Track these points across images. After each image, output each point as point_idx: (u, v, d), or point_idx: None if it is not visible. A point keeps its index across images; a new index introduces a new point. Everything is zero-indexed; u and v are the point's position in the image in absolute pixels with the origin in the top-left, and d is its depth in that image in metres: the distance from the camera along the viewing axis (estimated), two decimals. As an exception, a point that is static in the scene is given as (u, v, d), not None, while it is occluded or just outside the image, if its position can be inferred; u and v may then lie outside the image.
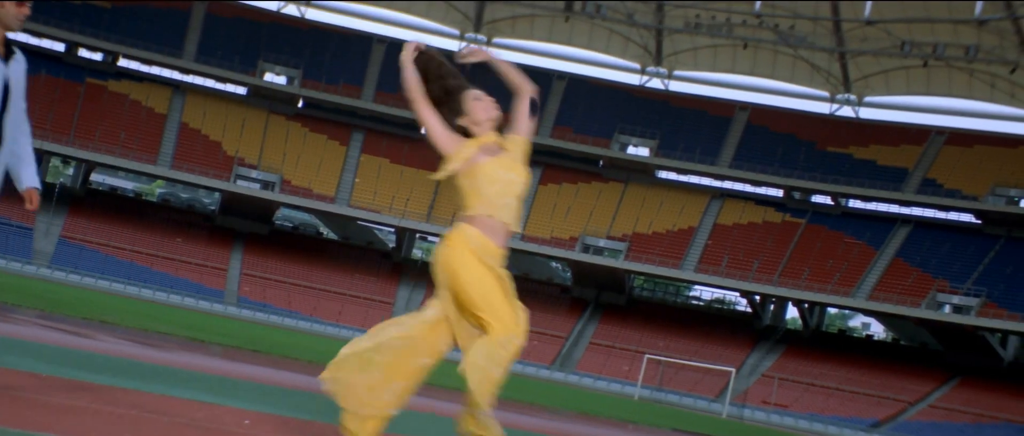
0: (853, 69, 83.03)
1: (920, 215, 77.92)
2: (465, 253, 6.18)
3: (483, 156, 6.34)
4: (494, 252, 6.25)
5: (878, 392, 67.54)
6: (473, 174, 6.29)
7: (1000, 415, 63.72)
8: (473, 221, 6.29)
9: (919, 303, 69.62)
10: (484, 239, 6.22)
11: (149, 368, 10.97)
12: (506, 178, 6.31)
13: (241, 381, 12.19)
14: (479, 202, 6.26)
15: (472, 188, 6.29)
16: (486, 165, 6.30)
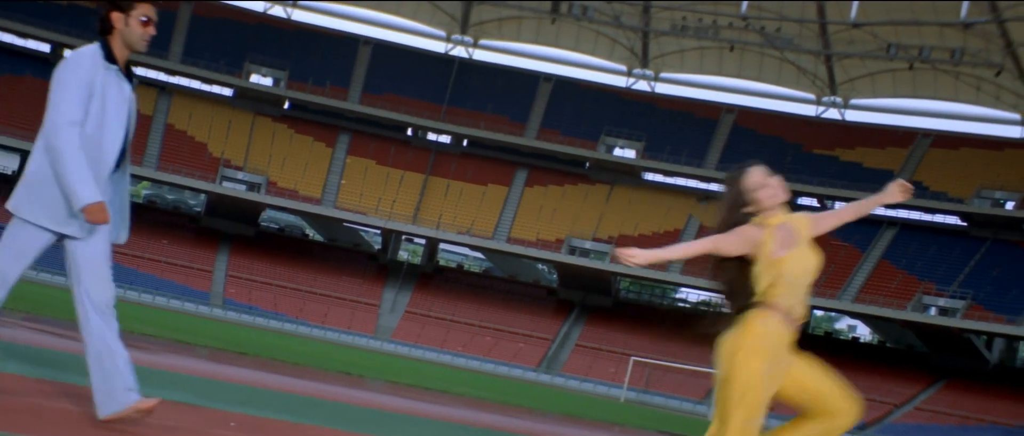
0: (839, 71, 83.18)
1: (906, 218, 78.10)
2: (755, 347, 6.34)
3: (782, 249, 6.33)
4: (787, 340, 6.38)
5: (864, 394, 67.11)
6: (775, 267, 6.30)
7: (986, 417, 63.90)
8: (771, 309, 6.35)
9: (905, 305, 69.78)
10: (780, 328, 6.33)
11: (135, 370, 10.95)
12: (805, 268, 6.44)
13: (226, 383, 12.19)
14: (778, 292, 6.31)
15: (771, 278, 6.31)
16: (788, 260, 6.35)
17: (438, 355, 67.35)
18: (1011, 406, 64.77)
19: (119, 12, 6.58)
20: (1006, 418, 63.53)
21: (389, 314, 74.63)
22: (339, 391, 14.59)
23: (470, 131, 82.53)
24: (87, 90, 6.37)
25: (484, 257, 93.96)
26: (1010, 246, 73.59)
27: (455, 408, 17.79)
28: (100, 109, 6.42)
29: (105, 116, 6.44)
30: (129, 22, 6.61)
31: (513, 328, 74.07)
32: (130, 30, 6.60)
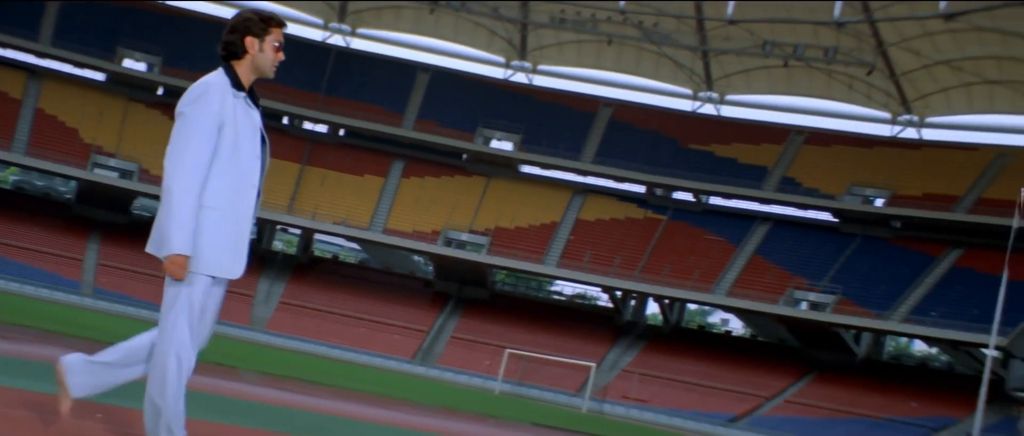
0: (715, 68, 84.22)
1: (779, 213, 79.34)
2: None
3: None
4: None
5: (736, 387, 68.64)
6: None
7: (853, 410, 65.18)
8: None
9: (777, 300, 70.90)
10: None
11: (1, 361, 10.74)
12: None
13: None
14: None
15: None
16: None
17: (313, 346, 66.93)
18: (878, 399, 66.17)
19: (254, 37, 6.36)
20: (873, 411, 64.90)
21: (263, 304, 73.99)
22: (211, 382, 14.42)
23: (347, 121, 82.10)
24: (217, 123, 6.16)
25: (360, 248, 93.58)
26: (879, 242, 75.14)
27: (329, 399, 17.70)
28: (233, 141, 6.20)
29: (239, 147, 6.23)
30: (264, 47, 6.40)
31: (388, 319, 73.86)
32: (264, 56, 6.38)
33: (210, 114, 6.14)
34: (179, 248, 6.05)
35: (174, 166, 6.10)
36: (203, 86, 6.25)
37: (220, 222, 6.20)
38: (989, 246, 68.46)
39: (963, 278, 69.58)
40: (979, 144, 79.15)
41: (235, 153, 6.20)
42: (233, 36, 6.38)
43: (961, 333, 64.00)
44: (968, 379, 65.99)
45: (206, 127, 6.12)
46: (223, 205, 6.21)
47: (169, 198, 6.06)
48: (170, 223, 6.06)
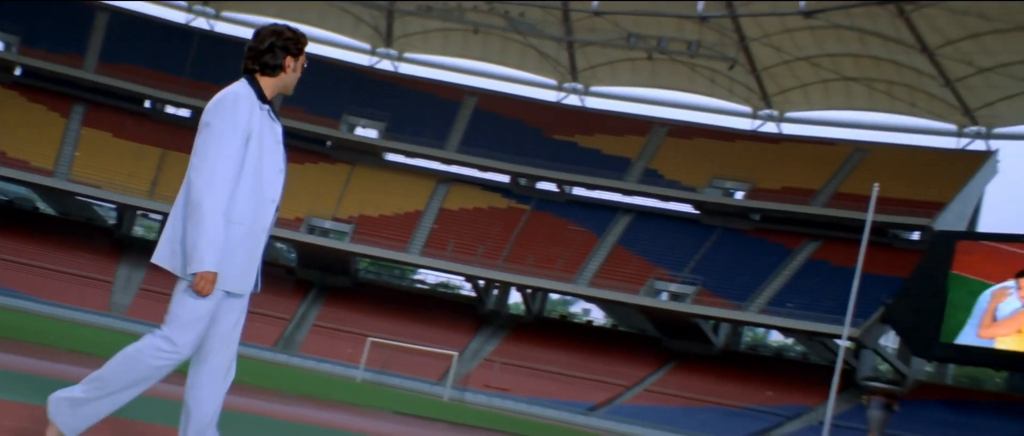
0: (581, 59, 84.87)
1: (641, 204, 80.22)
2: None
3: None
4: None
5: (596, 376, 69.33)
6: None
7: (711, 399, 66.29)
8: None
9: (638, 290, 71.72)
10: None
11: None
12: None
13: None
14: None
15: None
16: None
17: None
18: (734, 388, 67.39)
19: (293, 57, 6.35)
20: (730, 400, 66.09)
21: (123, 291, 72.84)
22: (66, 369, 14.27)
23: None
24: (244, 135, 6.07)
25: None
26: (738, 235, 76.41)
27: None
28: (258, 153, 6.13)
29: (263, 161, 6.15)
30: (297, 67, 6.37)
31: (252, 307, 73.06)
32: (294, 76, 6.36)
33: (239, 126, 6.09)
34: (211, 265, 5.99)
35: (204, 179, 6.01)
36: (232, 96, 6.18)
37: (243, 238, 6.17)
38: (844, 239, 70.12)
39: (819, 270, 71.10)
40: (836, 139, 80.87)
41: (259, 167, 6.16)
42: (273, 54, 6.34)
43: (816, 324, 65.42)
44: (821, 369, 67.51)
45: (235, 140, 6.06)
46: (246, 221, 6.17)
47: (200, 214, 5.97)
48: (201, 240, 5.96)
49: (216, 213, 5.98)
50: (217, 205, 5.98)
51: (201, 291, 6.02)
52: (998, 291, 60.55)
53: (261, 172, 6.18)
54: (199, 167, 6.05)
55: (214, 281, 6.04)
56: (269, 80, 6.36)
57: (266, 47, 6.38)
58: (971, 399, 67.46)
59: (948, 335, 61.55)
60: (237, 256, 6.16)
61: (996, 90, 73.26)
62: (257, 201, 6.19)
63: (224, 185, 6.01)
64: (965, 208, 73.04)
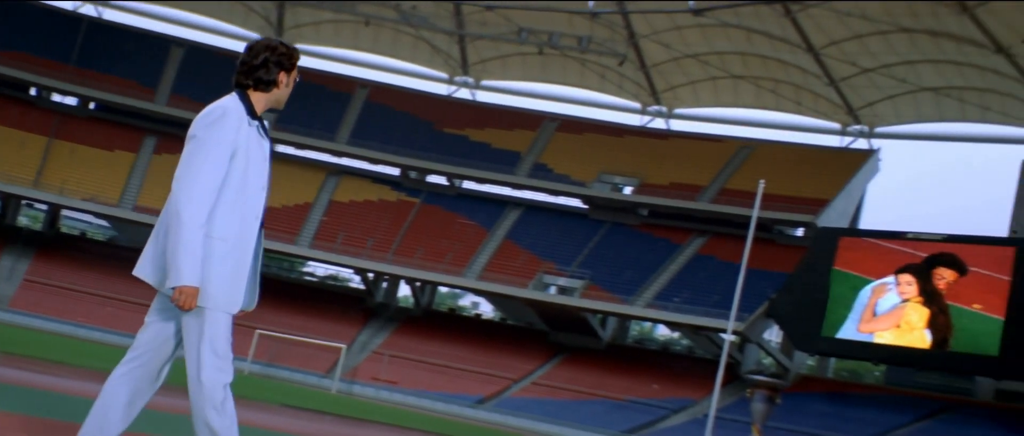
0: (472, 53, 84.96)
1: (531, 199, 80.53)
2: None
3: None
4: None
5: (484, 369, 69.52)
6: None
7: (598, 392, 66.81)
8: None
9: (527, 284, 72.03)
10: None
11: None
12: None
13: None
14: None
15: None
16: None
17: (59, 325, 65.05)
18: (621, 381, 67.99)
19: (286, 72, 6.29)
20: (616, 393, 66.67)
21: (6, 282, 71.52)
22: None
23: (98, 94, 79.95)
24: (230, 150, 5.97)
25: (109, 225, 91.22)
26: (626, 230, 77.05)
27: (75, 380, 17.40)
28: (243, 168, 6.03)
29: (248, 177, 6.06)
30: (289, 82, 6.29)
31: (137, 299, 72.03)
32: (286, 91, 6.29)
33: (225, 140, 6.02)
34: (190, 279, 5.90)
35: (185, 192, 5.94)
36: (220, 110, 6.11)
37: (227, 253, 6.06)
38: (730, 235, 71.03)
39: (705, 265, 71.97)
40: (723, 136, 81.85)
41: (244, 183, 6.09)
42: (267, 69, 6.27)
43: (701, 318, 66.21)
44: (707, 363, 68.38)
45: (220, 153, 5.98)
46: (229, 236, 6.07)
47: (179, 226, 5.91)
48: (180, 252, 5.89)
49: (194, 226, 5.91)
50: (196, 218, 5.91)
51: (183, 306, 5.94)
52: (878, 287, 61.77)
53: (246, 188, 6.12)
54: (182, 180, 6.00)
55: (195, 295, 5.95)
56: (261, 95, 6.32)
57: (260, 62, 6.33)
58: (851, 392, 68.83)
59: (829, 329, 62.64)
60: (221, 272, 6.05)
61: (878, 90, 74.73)
62: (240, 217, 6.11)
63: (204, 198, 5.94)
64: (848, 205, 74.39)
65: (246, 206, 6.14)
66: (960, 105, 73.02)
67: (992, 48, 66.31)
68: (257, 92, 6.33)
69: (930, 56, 70.02)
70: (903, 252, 61.66)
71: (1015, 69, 67.56)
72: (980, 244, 60.26)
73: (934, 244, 60.94)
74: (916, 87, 72.68)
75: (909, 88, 72.97)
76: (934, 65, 70.75)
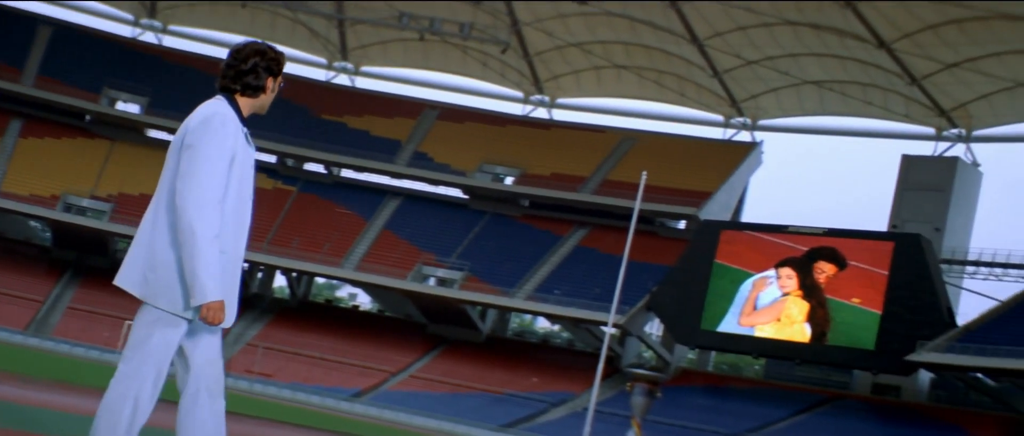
0: (351, 38, 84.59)
1: (411, 188, 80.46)
2: None
3: None
4: None
5: (361, 362, 69.36)
6: None
7: (477, 385, 67.02)
8: None
9: (405, 275, 72.00)
10: None
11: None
12: None
13: None
14: None
15: None
16: None
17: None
18: (500, 374, 68.29)
19: (273, 78, 6.20)
20: (495, 386, 66.94)
21: None
22: None
23: (-42, 74, 78.28)
24: (230, 157, 5.83)
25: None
26: (507, 220, 77.33)
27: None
28: (239, 177, 5.89)
29: (242, 185, 5.92)
30: (275, 88, 6.20)
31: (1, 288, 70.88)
32: (271, 96, 6.19)
33: (226, 148, 5.89)
34: (215, 294, 5.74)
35: (195, 204, 5.75)
36: (221, 117, 5.99)
37: (225, 267, 5.91)
38: (612, 226, 71.66)
39: (586, 257, 72.51)
40: (606, 127, 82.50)
41: (240, 193, 5.97)
42: (256, 75, 6.15)
43: (582, 311, 66.70)
44: (587, 356, 68.88)
45: (222, 161, 5.85)
46: (228, 248, 5.93)
47: (194, 241, 5.70)
48: (200, 269, 5.68)
49: (210, 239, 5.75)
50: (210, 230, 5.75)
51: (212, 321, 5.79)
52: (759, 280, 62.90)
53: (241, 197, 6.03)
54: (188, 192, 5.82)
55: (223, 309, 5.82)
56: (248, 101, 6.24)
57: (249, 67, 6.23)
58: (730, 385, 69.86)
59: (710, 323, 63.67)
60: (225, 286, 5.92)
61: (762, 83, 75.84)
62: (237, 228, 6.02)
63: (215, 209, 5.80)
64: (730, 198, 75.44)
65: (240, 216, 6.06)
66: (843, 99, 74.39)
67: (875, 43, 67.69)
68: (244, 97, 6.25)
69: (814, 50, 71.27)
70: (784, 246, 62.82)
71: (897, 64, 69.04)
72: (860, 238, 61.74)
73: (815, 238, 62.21)
74: (799, 80, 73.92)
75: (792, 81, 74.20)
76: (817, 59, 72.02)
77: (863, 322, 58.79)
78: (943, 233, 67.78)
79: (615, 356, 67.23)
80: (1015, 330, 56.34)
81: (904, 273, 58.12)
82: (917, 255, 58.39)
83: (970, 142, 72.89)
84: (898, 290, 57.99)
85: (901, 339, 57.18)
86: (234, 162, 5.94)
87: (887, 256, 59.23)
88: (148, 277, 5.90)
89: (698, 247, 65.66)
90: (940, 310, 57.79)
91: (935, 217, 68.56)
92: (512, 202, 78.68)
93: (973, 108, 71.21)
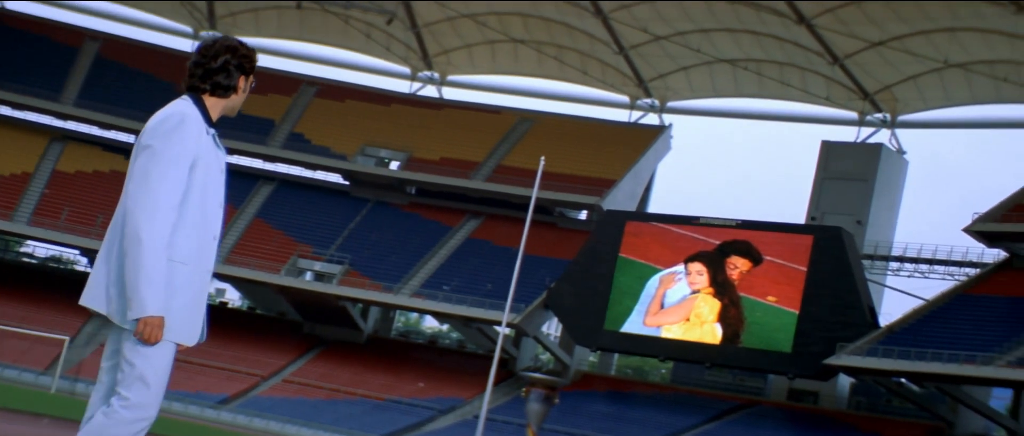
0: (220, 5, 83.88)
1: (285, 172, 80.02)
2: None
3: None
4: None
5: (229, 365, 68.89)
6: None
7: (357, 391, 66.91)
8: None
9: (279, 269, 71.65)
10: None
11: None
12: None
13: None
14: None
15: None
16: None
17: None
18: (383, 379, 68.25)
19: (245, 76, 6.11)
20: (377, 391, 66.87)
21: None
22: None
23: None
24: (190, 161, 5.71)
25: None
26: (392, 209, 77.24)
27: None
28: (203, 182, 5.77)
29: (207, 192, 5.81)
30: (247, 88, 6.10)
31: None
32: (243, 97, 6.10)
33: (186, 151, 5.79)
34: (156, 309, 5.66)
35: (144, 210, 5.68)
36: (179, 117, 5.87)
37: (188, 280, 5.86)
38: (507, 217, 71.92)
39: (479, 250, 72.67)
40: (501, 107, 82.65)
41: (204, 199, 5.87)
42: (227, 73, 6.06)
43: (474, 309, 66.81)
44: (478, 358, 69.16)
45: (181, 165, 5.75)
46: (190, 260, 5.86)
47: (139, 250, 5.63)
48: (143, 279, 5.62)
49: (158, 249, 5.68)
50: (159, 239, 5.68)
51: (148, 339, 5.71)
52: (667, 276, 63.45)
53: (205, 205, 5.93)
54: (139, 196, 5.76)
55: (161, 326, 5.76)
56: (218, 101, 6.14)
57: (219, 65, 6.15)
58: (634, 391, 70.41)
59: (613, 323, 64.11)
60: (182, 300, 5.89)
61: (671, 60, 76.33)
62: (200, 237, 5.92)
63: (167, 217, 5.73)
64: (636, 187, 75.95)
65: (205, 225, 5.97)
66: (759, 80, 75.16)
67: (794, 18, 68.48)
68: (213, 97, 6.17)
69: (728, 25, 71.91)
70: (694, 239, 63.44)
71: (818, 42, 69.89)
72: (776, 231, 62.45)
73: (728, 230, 62.88)
74: (712, 58, 74.51)
75: (704, 59, 74.77)
76: (732, 35, 72.68)
77: (779, 322, 59.55)
78: (865, 226, 68.85)
79: (509, 358, 67.54)
80: (941, 331, 57.42)
81: (823, 269, 58.91)
82: (837, 250, 59.23)
83: (895, 127, 74.12)
84: (817, 288, 58.79)
85: (820, 341, 57.97)
86: (196, 166, 5.86)
87: (805, 251, 60.03)
88: (111, 293, 5.85)
89: (600, 240, 66.05)
90: (861, 310, 58.67)
91: (857, 208, 69.60)
92: (397, 189, 78.57)
93: (899, 91, 72.35)
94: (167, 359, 5.91)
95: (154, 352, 5.81)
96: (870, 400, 65.29)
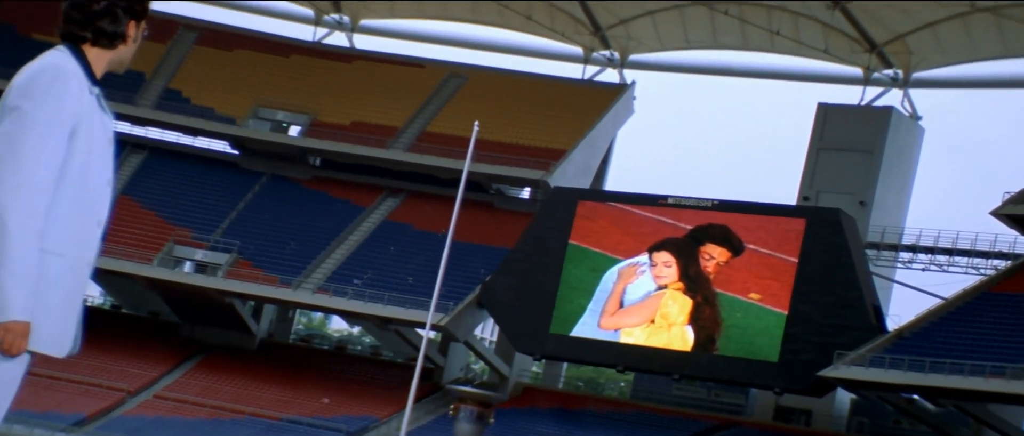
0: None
1: (159, 139, 79.51)
2: None
3: None
4: None
5: (89, 377, 68.55)
6: None
7: (246, 408, 66.73)
8: None
9: (151, 259, 71.29)
10: None
11: None
12: None
13: None
14: None
15: None
16: None
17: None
18: (280, 393, 68.11)
19: (136, 21, 5.81)
20: (271, 408, 66.70)
21: None
22: None
23: None
24: (69, 127, 5.41)
25: None
26: (291, 185, 76.96)
27: None
28: (86, 154, 5.47)
29: (90, 166, 5.51)
30: (138, 37, 5.84)
31: None
32: (133, 48, 5.83)
33: (64, 114, 5.46)
34: (19, 312, 5.32)
35: (10, 189, 5.31)
36: (53, 71, 5.58)
37: (61, 275, 5.55)
38: (433, 195, 71.83)
39: (398, 235, 72.62)
40: (426, 60, 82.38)
41: (85, 175, 5.55)
42: (114, 18, 5.85)
43: (391, 308, 66.76)
44: (398, 368, 69.23)
45: (58, 133, 5.41)
46: (66, 250, 5.54)
47: (4, 238, 5.27)
48: (6, 275, 5.27)
49: (27, 237, 5.33)
50: (28, 226, 5.33)
51: (7, 349, 5.37)
52: (627, 268, 63.49)
53: (87, 182, 5.63)
54: (4, 172, 5.38)
55: (26, 334, 5.42)
56: (102, 53, 5.83)
57: (103, 8, 5.96)
58: (587, 408, 70.51)
59: (561, 325, 64.11)
60: (52, 301, 5.55)
61: (635, 4, 76.17)
62: (81, 223, 5.63)
63: (41, 197, 5.38)
64: (590, 159, 75.90)
65: (88, 208, 5.69)
66: (741, 27, 75.10)
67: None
68: (96, 48, 5.89)
69: (702, -40, 72.04)
70: (661, 222, 63.51)
71: (812, -18, 70.05)
72: (761, 214, 62.46)
73: (702, 213, 62.93)
74: (684, 1, 74.46)
75: (675, 2, 74.72)
76: (708, -28, 72.85)
77: (763, 325, 59.74)
78: (870, 208, 69.10)
79: (435, 369, 67.62)
80: (962, 337, 57.55)
81: (818, 260, 59.04)
82: (835, 236, 59.40)
83: (908, 87, 74.34)
84: (810, 283, 58.94)
85: (813, 348, 58.11)
86: (77, 133, 5.54)
87: (796, 238, 60.20)
88: None
89: (547, 223, 66.09)
90: (864, 310, 58.84)
91: (860, 186, 69.83)
92: (298, 161, 78.35)
93: (913, 41, 72.42)
94: (17, 372, 5.60)
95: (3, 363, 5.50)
96: (874, 421, 65.61)
